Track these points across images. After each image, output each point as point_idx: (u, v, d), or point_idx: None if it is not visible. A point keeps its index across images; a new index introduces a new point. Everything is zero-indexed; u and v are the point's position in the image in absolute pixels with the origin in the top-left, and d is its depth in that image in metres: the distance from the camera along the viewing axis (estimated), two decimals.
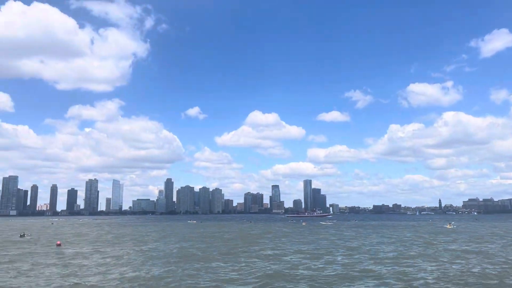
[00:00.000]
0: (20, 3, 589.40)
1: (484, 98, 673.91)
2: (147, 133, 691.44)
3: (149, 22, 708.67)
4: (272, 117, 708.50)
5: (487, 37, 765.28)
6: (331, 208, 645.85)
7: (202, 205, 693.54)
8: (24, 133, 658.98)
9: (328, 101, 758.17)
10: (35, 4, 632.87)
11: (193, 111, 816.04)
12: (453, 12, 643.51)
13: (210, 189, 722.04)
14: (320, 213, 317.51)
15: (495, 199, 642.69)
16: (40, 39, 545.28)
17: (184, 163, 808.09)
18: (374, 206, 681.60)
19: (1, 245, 55.32)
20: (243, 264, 35.66)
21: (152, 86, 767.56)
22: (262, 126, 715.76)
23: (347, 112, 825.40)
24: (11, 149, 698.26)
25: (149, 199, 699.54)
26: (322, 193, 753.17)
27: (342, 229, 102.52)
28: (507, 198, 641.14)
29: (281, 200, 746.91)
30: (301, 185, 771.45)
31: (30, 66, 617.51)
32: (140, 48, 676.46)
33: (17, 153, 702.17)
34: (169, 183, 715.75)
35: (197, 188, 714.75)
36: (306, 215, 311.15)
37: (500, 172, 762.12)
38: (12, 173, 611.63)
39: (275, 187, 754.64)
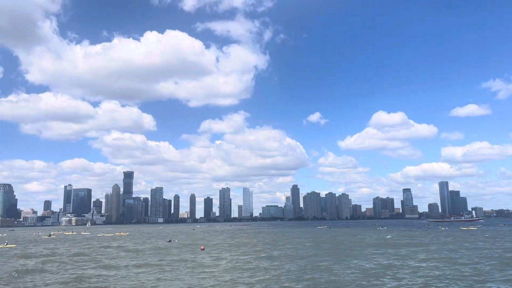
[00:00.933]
0: (155, 32, 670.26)
1: None
2: (271, 142, 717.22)
3: (267, 35, 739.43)
4: (398, 117, 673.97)
5: None
6: (473, 211, 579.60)
7: (329, 211, 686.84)
8: (165, 149, 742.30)
9: (462, 94, 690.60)
10: (167, 32, 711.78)
11: (314, 116, 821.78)
12: None
13: (337, 195, 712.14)
14: (469, 218, 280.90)
15: None
16: (173, 63, 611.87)
17: (308, 169, 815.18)
18: None
19: (165, 250, 62.39)
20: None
21: (273, 96, 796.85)
22: (387, 126, 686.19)
23: (486, 104, 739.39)
24: (156, 164, 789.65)
25: (277, 206, 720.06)
26: (461, 195, 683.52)
27: (496, 235, 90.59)
28: None
29: (414, 204, 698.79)
30: (436, 187, 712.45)
31: (166, 88, 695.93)
32: (260, 60, 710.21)
33: (161, 166, 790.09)
34: (295, 190, 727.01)
35: (323, 193, 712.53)
36: (452, 219, 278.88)
37: None
38: (158, 185, 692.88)
39: (407, 191, 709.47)
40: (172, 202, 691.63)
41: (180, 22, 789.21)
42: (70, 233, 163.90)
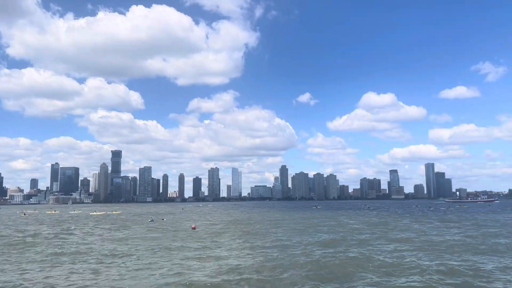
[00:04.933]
0: (142, 7, 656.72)
1: None
2: (261, 122, 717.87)
3: (258, 11, 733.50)
4: (388, 98, 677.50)
5: None
6: (457, 193, 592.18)
7: (317, 191, 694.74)
8: (154, 128, 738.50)
9: (451, 77, 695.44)
10: (154, 6, 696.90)
11: (304, 97, 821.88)
12: None
13: (325, 175, 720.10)
14: (485, 199, 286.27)
15: None
16: (161, 39, 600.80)
17: (297, 149, 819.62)
18: (510, 190, 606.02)
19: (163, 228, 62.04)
20: None
21: (263, 75, 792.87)
22: (377, 108, 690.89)
23: (475, 87, 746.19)
24: (144, 143, 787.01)
25: (266, 186, 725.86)
26: (446, 177, 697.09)
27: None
28: None
29: (400, 185, 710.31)
30: (422, 169, 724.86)
31: (154, 65, 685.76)
32: (251, 37, 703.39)
33: (149, 146, 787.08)
34: (284, 170, 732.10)
35: (311, 174, 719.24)
36: (469, 200, 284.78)
37: None
38: (146, 164, 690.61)
39: (393, 172, 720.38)
40: (161, 181, 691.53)
41: None
42: (53, 212, 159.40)
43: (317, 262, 28.57)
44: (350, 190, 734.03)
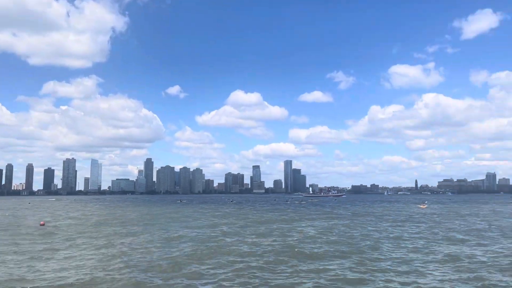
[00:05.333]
0: None
1: (464, 80, 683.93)
2: (126, 112, 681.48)
3: None
4: (254, 97, 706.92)
5: (470, 17, 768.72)
6: (310, 188, 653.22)
7: (182, 185, 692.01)
8: None
9: (310, 82, 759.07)
10: None
11: (174, 89, 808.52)
12: None
13: (191, 169, 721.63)
14: (335, 193, 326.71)
15: (469, 180, 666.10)
16: (11, 10, 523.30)
17: (164, 142, 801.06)
18: (352, 186, 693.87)
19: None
20: None
21: (131, 63, 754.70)
22: (244, 105, 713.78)
23: (329, 92, 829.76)
24: None
25: (128, 179, 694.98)
26: (302, 173, 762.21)
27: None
28: (480, 178, 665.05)
29: (261, 180, 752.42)
30: (281, 165, 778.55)
31: (1, 39, 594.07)
32: (119, 21, 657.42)
33: None
34: (149, 163, 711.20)
35: (177, 168, 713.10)
36: (322, 194, 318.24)
37: (475, 154, 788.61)
38: None
39: (256, 168, 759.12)
40: (4, 171, 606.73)
41: None
42: None
43: (170, 259, 27.48)
44: (215, 184, 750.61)
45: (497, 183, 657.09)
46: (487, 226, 50.24)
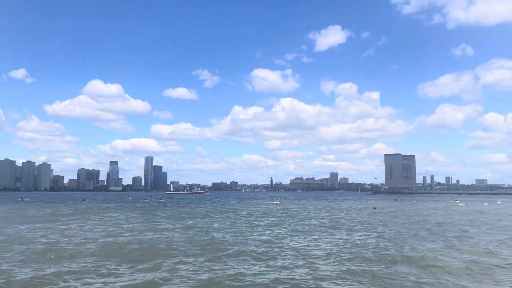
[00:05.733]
0: None
1: (316, 88, 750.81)
2: None
3: None
4: (115, 88, 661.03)
5: (323, 31, 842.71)
6: (171, 185, 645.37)
7: (25, 181, 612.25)
8: None
9: (175, 77, 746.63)
10: None
11: (18, 73, 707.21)
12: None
13: (36, 164, 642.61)
14: (199, 190, 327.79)
15: (316, 178, 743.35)
16: None
17: (3, 132, 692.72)
18: (213, 183, 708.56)
19: None
20: None
21: None
22: (103, 97, 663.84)
23: (194, 90, 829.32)
24: None
25: None
26: (163, 170, 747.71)
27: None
28: (325, 177, 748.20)
29: (119, 177, 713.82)
30: (142, 162, 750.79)
31: None
32: None
33: None
34: None
35: (19, 162, 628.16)
36: (185, 192, 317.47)
37: (322, 155, 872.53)
38: None
39: (114, 163, 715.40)
40: None
41: None
42: None
43: None
44: (66, 181, 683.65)
45: (338, 181, 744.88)
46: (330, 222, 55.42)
